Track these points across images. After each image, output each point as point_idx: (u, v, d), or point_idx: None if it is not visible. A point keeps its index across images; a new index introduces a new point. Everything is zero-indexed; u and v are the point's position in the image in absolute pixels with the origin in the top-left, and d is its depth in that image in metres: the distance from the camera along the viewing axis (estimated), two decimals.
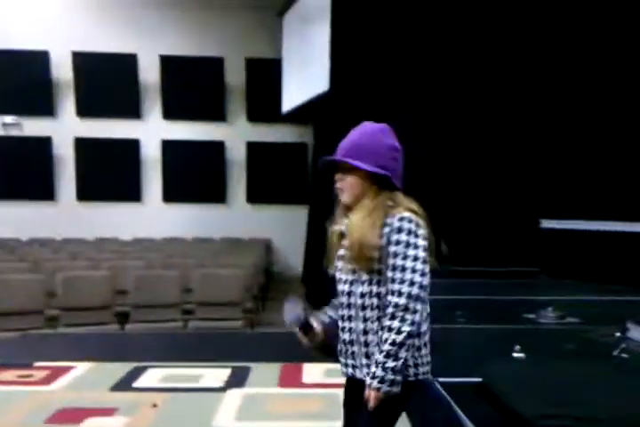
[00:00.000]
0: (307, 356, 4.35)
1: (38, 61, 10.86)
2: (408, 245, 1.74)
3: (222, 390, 3.75)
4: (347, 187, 1.85)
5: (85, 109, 11.17)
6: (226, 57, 11.39)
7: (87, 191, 11.24)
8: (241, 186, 11.66)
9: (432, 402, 2.33)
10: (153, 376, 4.04)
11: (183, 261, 7.11)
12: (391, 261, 1.74)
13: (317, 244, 2.09)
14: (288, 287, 9.43)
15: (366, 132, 1.89)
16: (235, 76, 11.49)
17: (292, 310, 1.94)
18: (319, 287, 7.65)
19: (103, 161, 11.14)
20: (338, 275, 1.91)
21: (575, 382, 2.97)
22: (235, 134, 11.57)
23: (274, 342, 5.12)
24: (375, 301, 1.79)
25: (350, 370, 1.87)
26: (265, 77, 11.27)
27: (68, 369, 4.18)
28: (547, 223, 6.92)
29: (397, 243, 1.74)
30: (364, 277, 1.81)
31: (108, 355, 4.60)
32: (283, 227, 11.08)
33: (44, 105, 11.06)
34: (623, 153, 6.40)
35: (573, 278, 6.28)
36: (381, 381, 1.69)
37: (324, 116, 8.55)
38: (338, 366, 1.94)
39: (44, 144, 11.10)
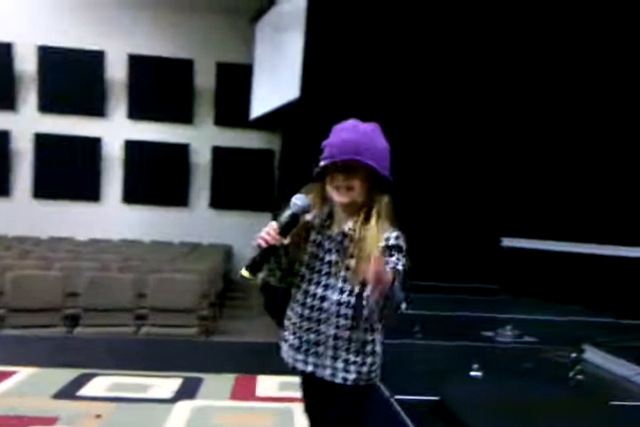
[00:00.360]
0: (262, 368, 4.27)
1: (2, 53, 10.54)
2: (398, 261, 1.72)
3: (171, 401, 3.61)
4: (356, 188, 1.77)
5: (47, 105, 10.88)
6: (196, 59, 11.25)
7: (44, 188, 10.91)
8: (204, 190, 11.49)
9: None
10: (99, 385, 3.87)
11: (139, 265, 6.93)
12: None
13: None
14: (246, 295, 9.29)
15: (366, 131, 1.82)
16: (204, 79, 11.35)
17: (303, 198, 1.79)
18: (278, 297, 7.57)
19: (63, 158, 10.85)
20: (309, 275, 1.84)
21: (531, 404, 2.94)
22: (201, 138, 11.41)
23: (229, 351, 5.00)
24: (350, 312, 1.77)
25: (311, 367, 1.84)
26: (235, 82, 11.17)
27: (9, 374, 3.98)
28: (508, 242, 6.96)
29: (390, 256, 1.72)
30: (346, 286, 1.77)
31: (54, 360, 4.40)
32: (245, 233, 10.89)
33: (4, 98, 10.72)
34: (585, 176, 6.49)
35: (532, 297, 6.32)
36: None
37: (293, 123, 8.49)
38: (293, 379, 1.90)
39: (2, 138, 10.76)
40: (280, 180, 10.13)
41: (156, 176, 11.13)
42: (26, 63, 10.71)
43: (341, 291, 1.78)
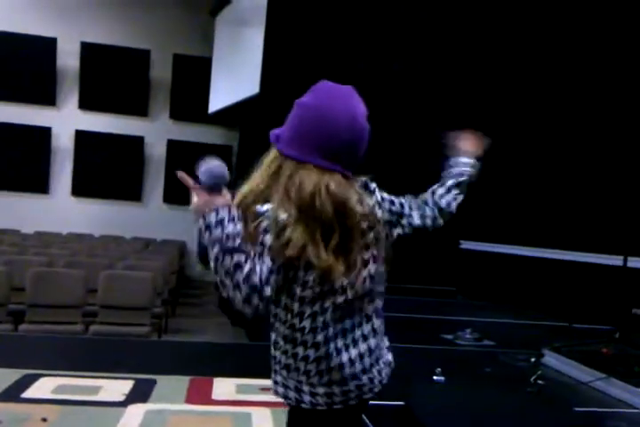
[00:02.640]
0: (218, 369, 4.14)
1: None
2: None
3: (123, 404, 3.43)
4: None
5: None
6: (153, 50, 10.97)
7: None
8: (158, 185, 11.21)
9: None
10: (45, 386, 3.66)
11: (89, 260, 6.67)
12: None
13: None
14: (201, 293, 9.13)
15: (331, 108, 1.53)
16: (160, 71, 11.09)
17: (220, 166, 1.50)
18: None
19: (9, 148, 10.43)
20: None
21: (494, 409, 2.91)
22: (155, 131, 11.14)
23: (183, 352, 4.83)
24: (272, 308, 1.52)
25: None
26: (192, 75, 10.96)
27: None
28: (466, 244, 7.00)
29: None
30: None
31: None
32: None
33: None
34: (543, 182, 6.57)
35: (489, 300, 6.37)
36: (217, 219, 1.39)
37: (252, 119, 8.36)
38: (250, 381, 1.73)
39: None
40: (237, 176, 9.97)
41: (108, 169, 10.80)
42: None
43: None
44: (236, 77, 9.55)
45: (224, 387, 3.87)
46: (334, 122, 1.49)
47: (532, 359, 3.95)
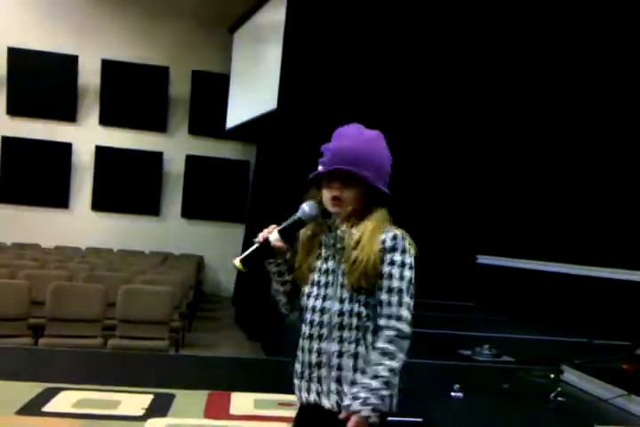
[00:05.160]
0: (235, 383, 4.15)
1: None
2: (403, 265, 1.64)
3: (142, 418, 3.45)
4: (348, 199, 1.68)
5: (17, 108, 10.62)
6: (172, 67, 11.12)
7: (11, 193, 10.60)
8: (177, 199, 11.31)
9: None
10: (66, 400, 3.70)
11: (108, 274, 6.73)
12: (386, 283, 1.62)
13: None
14: (218, 307, 9.16)
15: (370, 140, 1.73)
16: (179, 87, 11.23)
17: (313, 206, 1.72)
18: (250, 310, 7.44)
19: (31, 163, 10.59)
20: (308, 289, 1.74)
21: (513, 426, 2.89)
22: (174, 146, 11.26)
23: (201, 366, 4.85)
24: (355, 321, 1.64)
25: (314, 396, 1.68)
26: (211, 91, 11.08)
27: None
28: (483, 259, 6.97)
29: (392, 263, 1.63)
30: (345, 293, 1.66)
31: (18, 372, 4.21)
32: (217, 244, 10.78)
33: None
34: (562, 196, 6.54)
35: (507, 315, 6.32)
36: (364, 403, 1.52)
37: (269, 134, 8.43)
38: (268, 396, 1.78)
39: None
40: (253, 191, 10.04)
41: (127, 184, 10.93)
42: None
43: (341, 300, 1.66)
44: (253, 93, 9.66)
45: (242, 402, 3.88)
46: None
47: (552, 376, 3.91)
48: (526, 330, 5.70)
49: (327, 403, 1.66)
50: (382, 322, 1.61)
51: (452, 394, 3.36)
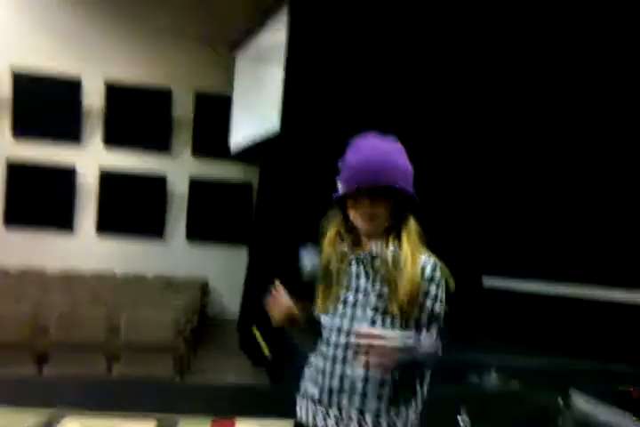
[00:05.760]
0: (239, 410, 4.12)
1: None
2: (436, 298, 1.67)
3: None
4: (381, 215, 1.66)
5: (22, 131, 10.67)
6: (174, 89, 11.21)
7: (15, 217, 10.62)
8: (180, 222, 11.32)
9: None
10: None
11: (112, 299, 6.72)
12: (425, 316, 1.65)
13: (256, 287, 1.91)
14: (222, 332, 9.09)
15: (388, 150, 1.71)
16: (182, 109, 11.28)
17: (311, 258, 1.66)
18: (254, 336, 7.39)
19: (35, 186, 10.61)
20: (332, 306, 1.67)
21: None
22: (178, 168, 11.30)
23: (205, 392, 4.81)
24: None
25: (332, 423, 1.61)
26: (214, 113, 11.13)
27: None
28: (489, 281, 6.91)
29: (427, 294, 1.66)
30: (370, 313, 1.62)
31: (21, 400, 4.19)
32: (221, 267, 10.75)
33: None
34: (571, 214, 6.50)
35: (512, 340, 6.25)
36: (406, 345, 1.52)
37: (272, 156, 8.45)
38: (272, 422, 1.75)
39: None
40: (257, 213, 10.05)
41: (131, 206, 10.93)
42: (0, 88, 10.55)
43: (373, 322, 1.61)
44: (256, 114, 9.69)
45: None
46: None
47: (560, 401, 3.87)
48: (533, 355, 5.64)
49: None
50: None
51: (459, 420, 3.32)
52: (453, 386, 4.26)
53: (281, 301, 1.67)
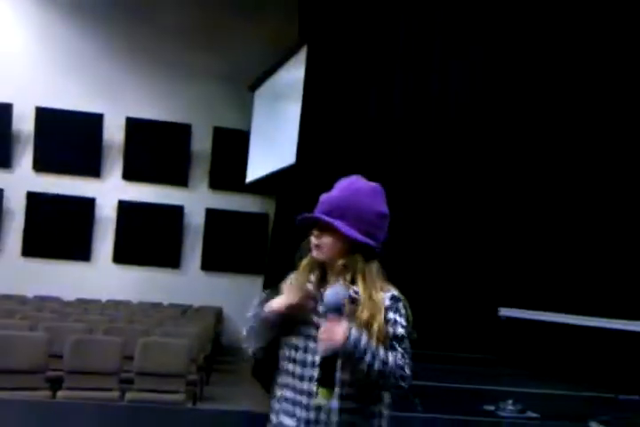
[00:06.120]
0: None
1: (1, 113, 10.62)
2: (396, 322, 1.68)
3: None
4: (325, 246, 1.72)
5: (43, 164, 10.90)
6: (194, 124, 11.44)
7: (34, 247, 10.77)
8: (196, 252, 11.39)
9: None
10: None
11: (127, 327, 6.74)
12: (387, 341, 1.64)
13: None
14: (236, 360, 9.03)
15: (357, 190, 1.76)
16: (201, 143, 11.50)
17: (336, 293, 1.63)
18: (267, 364, 7.34)
19: (55, 217, 10.79)
20: (295, 341, 1.71)
21: None
22: (195, 200, 11.44)
23: (217, 421, 4.76)
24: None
25: None
26: (231, 147, 11.33)
27: None
28: (505, 312, 6.86)
29: (387, 321, 1.66)
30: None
31: (35, 424, 4.18)
32: (236, 296, 10.73)
33: (0, 156, 10.74)
34: (583, 248, 6.48)
35: (530, 369, 6.17)
36: (357, 340, 1.54)
37: (288, 188, 8.55)
38: None
39: None
40: (272, 244, 10.09)
41: (148, 237, 11.06)
42: (24, 123, 10.80)
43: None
44: (272, 148, 9.86)
45: None
46: None
47: None
48: (551, 384, 5.55)
49: None
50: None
51: None
52: (470, 416, 4.19)
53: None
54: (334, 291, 1.63)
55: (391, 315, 1.66)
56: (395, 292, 1.73)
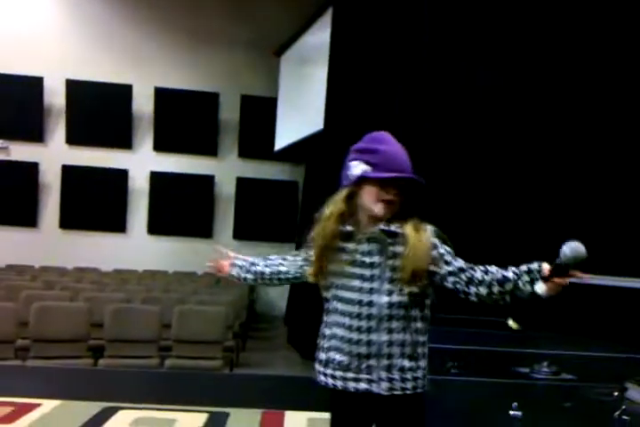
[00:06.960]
0: (289, 402, 4.15)
1: (32, 87, 10.76)
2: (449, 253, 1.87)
3: None
4: (397, 203, 1.82)
5: (75, 137, 11.04)
6: (221, 92, 11.39)
7: (71, 219, 11.01)
8: (228, 221, 11.49)
9: None
10: (123, 419, 3.78)
11: (164, 296, 6.87)
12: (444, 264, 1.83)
13: (303, 284, 2.02)
14: (270, 327, 9.19)
15: (399, 143, 1.90)
16: (229, 111, 11.48)
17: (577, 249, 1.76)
18: (302, 329, 7.44)
19: (89, 190, 10.97)
20: (345, 282, 1.82)
21: None
22: (225, 169, 11.48)
23: (255, 385, 4.88)
24: (402, 311, 1.78)
25: (364, 385, 1.79)
26: (259, 115, 11.29)
27: (33, 407, 3.91)
28: None
29: (442, 255, 1.85)
30: (387, 286, 1.78)
31: (78, 392, 4.33)
32: None
33: (33, 131, 10.90)
34: (613, 206, 6.33)
35: (565, 332, 6.12)
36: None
37: (317, 155, 8.49)
38: (321, 415, 1.91)
39: (30, 170, 10.91)
40: (303, 211, 10.11)
41: (180, 207, 11.19)
42: (55, 96, 10.92)
43: (389, 292, 1.78)
44: (300, 115, 9.78)
45: (295, 421, 3.88)
46: None
47: (616, 394, 3.76)
48: (586, 346, 5.50)
49: (379, 390, 1.79)
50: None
51: (511, 413, 3.27)
52: (504, 379, 4.19)
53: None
54: (573, 247, 1.75)
55: (442, 250, 1.83)
56: (433, 227, 1.87)
